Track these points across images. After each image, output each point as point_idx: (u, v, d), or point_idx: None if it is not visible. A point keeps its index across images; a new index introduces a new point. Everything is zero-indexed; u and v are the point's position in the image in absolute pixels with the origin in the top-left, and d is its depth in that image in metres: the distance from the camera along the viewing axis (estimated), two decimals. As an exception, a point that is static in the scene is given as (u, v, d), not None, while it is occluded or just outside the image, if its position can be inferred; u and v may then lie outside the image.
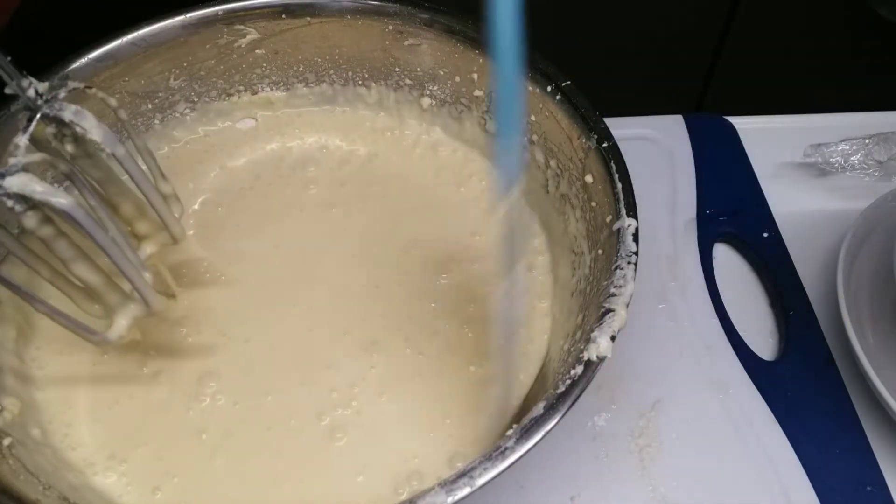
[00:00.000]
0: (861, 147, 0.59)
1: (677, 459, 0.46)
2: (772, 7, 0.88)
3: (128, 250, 0.39)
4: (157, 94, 0.52)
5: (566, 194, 0.47)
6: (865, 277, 0.52)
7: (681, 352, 0.50)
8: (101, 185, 0.40)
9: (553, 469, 0.45)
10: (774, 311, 0.54)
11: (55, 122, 0.36)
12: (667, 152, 0.61)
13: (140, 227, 0.42)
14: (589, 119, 0.45)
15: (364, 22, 0.51)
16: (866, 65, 0.87)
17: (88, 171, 0.39)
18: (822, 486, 0.45)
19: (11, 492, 0.35)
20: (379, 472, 0.41)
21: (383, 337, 0.46)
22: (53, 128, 0.36)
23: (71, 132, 0.37)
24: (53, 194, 0.34)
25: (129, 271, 0.38)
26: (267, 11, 0.51)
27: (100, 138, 0.37)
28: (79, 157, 0.38)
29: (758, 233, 0.56)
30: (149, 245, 0.42)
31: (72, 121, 0.36)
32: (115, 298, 0.40)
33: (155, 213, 0.41)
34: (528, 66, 0.48)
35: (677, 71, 0.95)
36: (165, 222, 0.42)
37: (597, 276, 0.42)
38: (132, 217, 0.42)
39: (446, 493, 0.32)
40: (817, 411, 0.48)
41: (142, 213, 0.42)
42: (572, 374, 0.36)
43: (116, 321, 0.40)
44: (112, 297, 0.40)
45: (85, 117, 0.36)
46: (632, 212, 0.41)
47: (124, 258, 0.38)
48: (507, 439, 0.34)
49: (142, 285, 0.39)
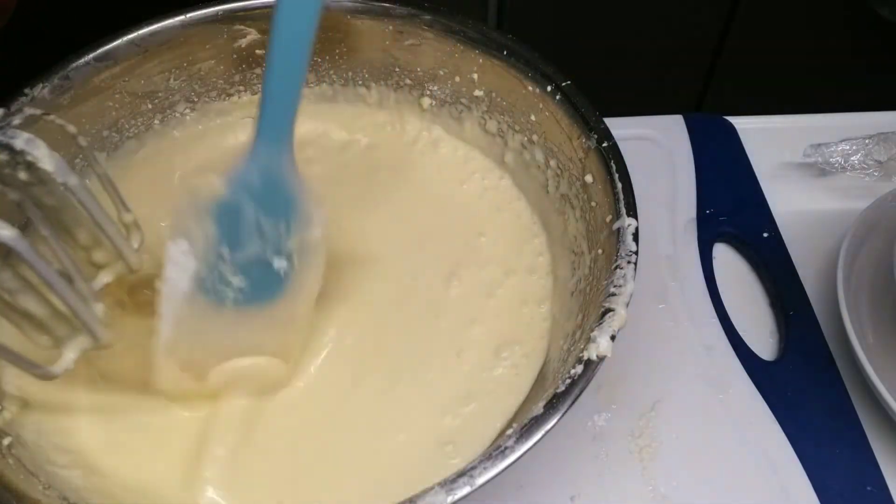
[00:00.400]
0: (861, 147, 0.59)
1: (677, 459, 0.46)
2: (772, 7, 0.88)
3: (79, 282, 0.38)
4: (157, 94, 0.52)
5: (566, 194, 0.47)
6: (865, 277, 0.52)
7: (681, 352, 0.51)
8: (55, 213, 0.39)
9: (553, 469, 0.45)
10: (774, 311, 0.54)
11: (7, 149, 0.35)
12: (667, 152, 0.61)
13: (97, 255, 0.41)
14: (589, 119, 0.45)
15: (364, 22, 0.51)
16: (866, 65, 0.88)
17: (42, 198, 0.38)
18: (822, 486, 0.45)
19: (11, 491, 0.35)
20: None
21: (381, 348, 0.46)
22: (6, 155, 0.35)
23: (24, 160, 0.36)
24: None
25: (75, 305, 0.37)
26: (267, 11, 0.50)
27: (52, 168, 0.36)
28: (32, 185, 0.37)
29: (758, 233, 0.56)
30: (106, 274, 0.41)
31: (23, 149, 0.35)
32: (63, 331, 0.39)
33: (110, 242, 0.40)
34: (528, 66, 0.48)
35: (677, 71, 0.95)
36: (122, 253, 0.40)
37: (597, 275, 0.42)
38: (89, 245, 0.40)
39: (446, 492, 0.32)
40: (817, 411, 0.48)
41: (98, 242, 0.40)
42: (572, 374, 0.36)
43: (64, 354, 0.39)
44: (60, 330, 0.39)
45: (37, 146, 0.35)
46: (632, 212, 0.41)
47: (70, 291, 0.37)
48: (507, 439, 0.34)
49: (89, 318, 0.38)
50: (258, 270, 0.38)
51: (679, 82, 0.97)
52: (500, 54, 0.49)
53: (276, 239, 0.38)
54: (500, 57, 0.49)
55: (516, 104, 0.50)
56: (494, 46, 0.49)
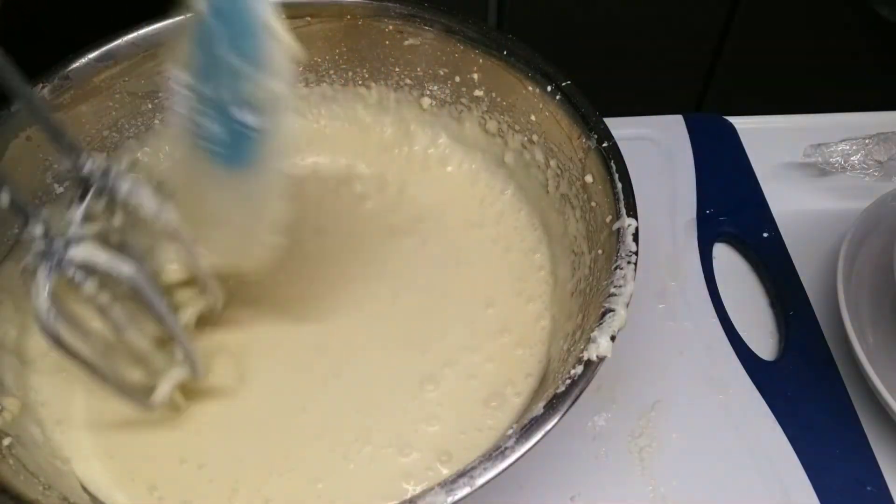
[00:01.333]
0: (861, 147, 0.59)
1: (677, 459, 0.46)
2: (772, 7, 0.88)
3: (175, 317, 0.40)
4: (157, 94, 0.52)
5: (566, 194, 0.47)
6: (865, 277, 0.52)
7: (681, 352, 0.50)
8: (148, 253, 0.40)
9: (553, 469, 0.45)
10: (774, 311, 0.54)
11: (106, 193, 0.36)
12: (667, 152, 0.61)
13: (179, 295, 0.43)
14: (589, 119, 0.45)
15: (364, 22, 0.51)
16: (866, 65, 0.87)
17: (138, 239, 0.39)
18: (822, 486, 0.45)
19: (11, 492, 0.35)
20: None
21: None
22: (103, 201, 0.36)
23: (122, 203, 0.37)
24: (118, 263, 0.35)
25: (181, 337, 0.40)
26: (267, 11, 0.51)
27: (155, 209, 0.37)
28: (127, 228, 0.38)
29: (758, 233, 0.56)
30: (187, 312, 0.43)
31: (129, 193, 0.36)
32: (160, 363, 0.41)
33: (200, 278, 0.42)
34: (528, 66, 0.48)
35: (677, 71, 0.95)
36: (207, 288, 0.42)
37: (597, 276, 0.42)
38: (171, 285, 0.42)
39: (446, 492, 0.32)
40: (817, 411, 0.48)
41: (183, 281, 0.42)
42: (572, 374, 0.36)
43: (161, 386, 0.40)
44: (158, 363, 0.40)
45: (141, 192, 0.37)
46: (632, 212, 0.41)
47: (176, 324, 0.39)
48: (506, 439, 0.34)
49: (192, 350, 0.40)
50: (234, 125, 0.36)
51: (679, 82, 0.96)
52: (500, 54, 0.49)
53: (246, 80, 0.35)
54: (500, 57, 0.49)
55: (516, 104, 0.50)
56: (494, 46, 0.49)
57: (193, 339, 0.42)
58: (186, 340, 0.40)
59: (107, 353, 0.39)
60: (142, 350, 0.40)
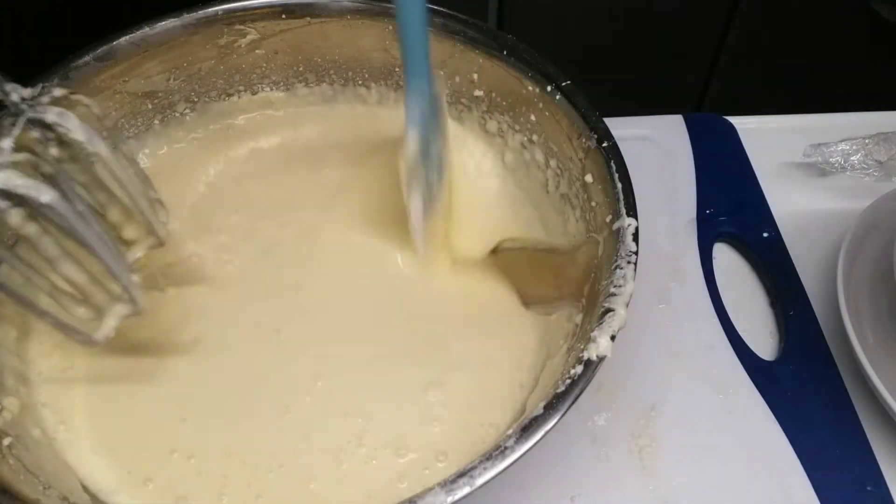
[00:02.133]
0: (861, 147, 0.59)
1: (677, 459, 0.46)
2: (772, 7, 0.88)
3: (115, 252, 0.39)
4: (156, 94, 0.52)
5: (566, 194, 0.47)
6: (865, 277, 0.52)
7: (681, 352, 0.51)
8: (86, 189, 0.39)
9: (553, 469, 0.45)
10: (774, 311, 0.54)
11: (39, 125, 0.36)
12: (667, 152, 0.61)
13: (127, 232, 0.42)
14: (589, 119, 0.45)
15: (364, 22, 0.51)
16: (866, 65, 0.88)
17: (73, 175, 0.38)
18: (822, 486, 0.45)
19: (11, 492, 0.35)
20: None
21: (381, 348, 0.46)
22: (38, 132, 0.36)
23: (55, 136, 0.37)
24: (36, 188, 0.34)
25: (116, 269, 0.39)
26: (267, 11, 0.51)
27: (83, 138, 0.37)
28: (63, 161, 0.38)
29: (758, 233, 0.56)
30: (137, 249, 0.42)
31: (55, 122, 0.36)
32: (102, 299, 0.40)
33: (141, 216, 0.41)
34: (528, 66, 0.48)
35: (677, 71, 0.95)
36: (152, 225, 0.42)
37: (597, 276, 0.42)
38: (120, 222, 0.41)
39: (446, 492, 0.32)
40: (817, 411, 0.48)
41: (128, 218, 0.41)
42: (572, 374, 0.36)
43: (104, 322, 0.40)
44: (99, 298, 0.40)
45: (68, 118, 0.36)
46: (632, 211, 0.41)
47: (111, 256, 0.38)
48: (506, 439, 0.34)
49: (130, 283, 0.40)
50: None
51: (679, 82, 0.97)
52: (500, 54, 0.49)
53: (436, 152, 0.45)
54: (500, 57, 0.49)
55: (516, 104, 0.50)
56: (494, 46, 0.49)
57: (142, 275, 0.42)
58: (124, 274, 0.39)
59: (54, 293, 0.39)
60: (80, 283, 0.39)
